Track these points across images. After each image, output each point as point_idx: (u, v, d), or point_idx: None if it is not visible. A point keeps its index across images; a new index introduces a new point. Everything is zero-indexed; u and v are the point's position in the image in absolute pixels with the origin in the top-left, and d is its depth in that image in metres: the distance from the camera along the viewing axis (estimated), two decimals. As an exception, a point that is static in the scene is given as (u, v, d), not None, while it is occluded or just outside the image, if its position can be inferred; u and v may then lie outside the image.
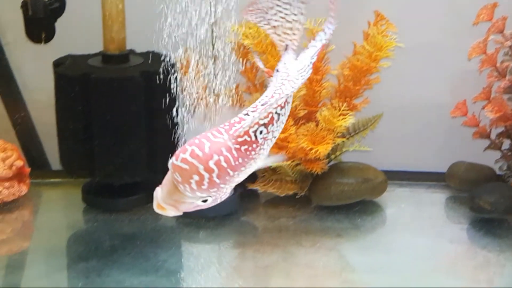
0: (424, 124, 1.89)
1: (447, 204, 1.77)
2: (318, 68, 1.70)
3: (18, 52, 1.93)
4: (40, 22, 1.76)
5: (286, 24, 1.21)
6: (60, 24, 1.82)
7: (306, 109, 1.73)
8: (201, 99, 1.72)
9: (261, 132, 1.13)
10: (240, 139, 1.09)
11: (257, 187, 1.75)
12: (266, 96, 1.16)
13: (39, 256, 1.53)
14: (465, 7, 1.79)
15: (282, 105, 1.13)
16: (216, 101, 1.71)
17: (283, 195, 1.73)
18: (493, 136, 1.78)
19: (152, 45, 1.77)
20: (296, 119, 1.72)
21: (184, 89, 1.72)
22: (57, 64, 1.70)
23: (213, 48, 1.70)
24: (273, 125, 1.15)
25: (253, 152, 1.11)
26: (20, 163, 1.76)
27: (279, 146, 1.66)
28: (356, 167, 1.75)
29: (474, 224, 1.65)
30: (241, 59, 1.76)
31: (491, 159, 1.80)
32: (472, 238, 1.61)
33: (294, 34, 1.20)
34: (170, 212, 1.12)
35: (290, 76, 1.17)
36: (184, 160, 1.03)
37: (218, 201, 1.14)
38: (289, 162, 1.69)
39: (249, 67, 1.78)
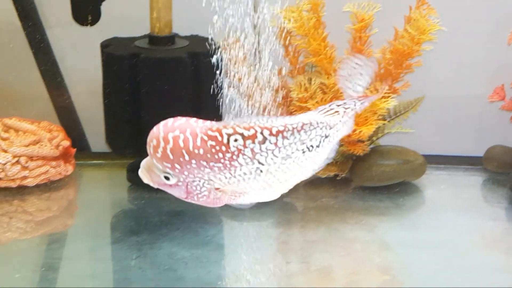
0: (461, 109, 1.93)
1: (485, 186, 1.80)
2: (361, 51, 1.73)
3: (60, 36, 1.98)
4: (87, 5, 1.82)
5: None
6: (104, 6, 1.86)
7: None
8: (245, 82, 1.77)
9: (236, 140, 1.14)
10: (210, 132, 1.11)
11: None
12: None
13: (90, 230, 1.56)
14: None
15: (275, 133, 1.13)
16: (259, 85, 1.76)
17: (324, 176, 1.77)
18: (530, 119, 1.85)
19: (196, 29, 1.85)
20: (337, 102, 1.77)
21: (229, 71, 1.78)
22: (105, 45, 1.74)
23: (256, 33, 1.75)
24: (253, 143, 1.16)
25: (220, 154, 1.12)
26: (66, 143, 1.80)
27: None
28: (395, 149, 1.78)
29: (514, 203, 1.71)
30: (283, 43, 1.82)
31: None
32: (513, 216, 1.68)
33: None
34: (144, 178, 1.17)
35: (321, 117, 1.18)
36: (157, 125, 1.11)
37: (189, 198, 1.15)
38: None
39: (292, 51, 1.84)
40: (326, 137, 1.23)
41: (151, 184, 1.18)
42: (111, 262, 1.39)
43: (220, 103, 1.69)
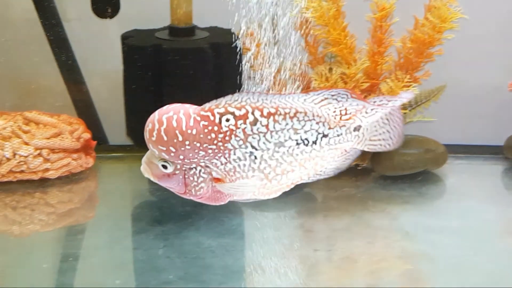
0: (482, 98, 1.93)
1: (506, 174, 1.80)
2: (381, 40, 1.73)
3: (77, 29, 1.97)
4: (107, -2, 1.83)
5: None
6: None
7: (368, 81, 1.78)
8: (265, 72, 1.77)
9: (227, 120, 1.14)
10: (203, 113, 1.13)
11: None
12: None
13: (114, 221, 1.56)
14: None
15: (266, 115, 1.14)
16: (279, 73, 1.76)
17: (345, 166, 1.80)
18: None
19: (215, 20, 1.85)
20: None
21: (249, 62, 1.78)
22: (126, 37, 1.75)
23: (274, 23, 1.75)
24: (244, 123, 1.15)
25: (212, 134, 1.12)
26: (87, 135, 1.80)
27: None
28: (416, 139, 1.78)
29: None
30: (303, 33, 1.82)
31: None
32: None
33: None
34: (145, 172, 1.19)
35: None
36: (154, 111, 1.15)
37: (187, 192, 1.17)
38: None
39: (311, 41, 1.84)
40: (324, 136, 1.21)
41: (152, 178, 1.19)
42: (139, 252, 1.39)
43: (241, 91, 1.71)
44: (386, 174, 1.74)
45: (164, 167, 1.17)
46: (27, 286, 1.29)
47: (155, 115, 1.13)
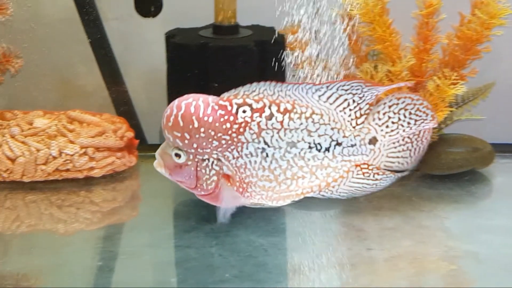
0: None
1: (556, 174, 1.81)
2: (427, 37, 1.72)
3: (117, 28, 1.98)
4: (150, -4, 1.83)
5: None
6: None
7: (413, 79, 1.76)
8: (308, 70, 1.76)
9: (244, 112, 1.12)
10: (221, 102, 1.13)
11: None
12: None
13: (161, 219, 1.55)
14: None
15: (282, 111, 1.13)
16: (323, 71, 1.75)
17: (390, 165, 1.78)
18: None
19: (256, 19, 1.84)
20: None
21: (293, 60, 1.77)
22: (171, 35, 1.74)
23: (316, 21, 1.74)
24: (260, 117, 1.13)
25: (228, 124, 1.11)
26: (130, 134, 1.79)
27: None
28: (462, 137, 1.76)
29: None
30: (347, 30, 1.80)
31: None
32: None
33: None
34: (157, 166, 1.21)
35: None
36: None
37: (198, 187, 1.19)
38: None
39: (355, 39, 1.82)
40: (338, 144, 1.19)
41: (164, 172, 1.18)
42: (191, 250, 1.37)
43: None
44: (431, 173, 1.73)
45: (177, 156, 1.16)
46: (87, 286, 1.28)
47: (175, 102, 1.15)
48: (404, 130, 1.27)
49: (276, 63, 1.66)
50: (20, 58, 1.75)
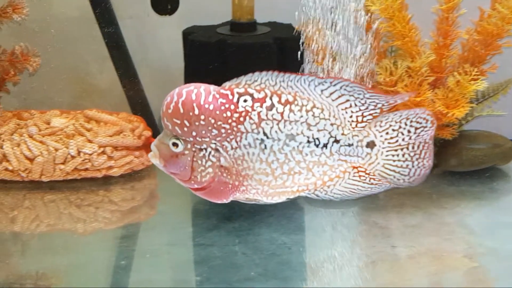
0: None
1: None
2: (447, 32, 1.70)
3: (132, 27, 1.96)
4: (166, -6, 1.83)
5: None
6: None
7: (433, 75, 1.75)
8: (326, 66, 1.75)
9: (245, 101, 1.11)
10: (222, 91, 1.13)
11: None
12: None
13: (182, 218, 1.54)
14: None
15: (283, 102, 1.13)
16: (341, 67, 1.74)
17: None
18: None
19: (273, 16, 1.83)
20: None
21: (311, 56, 1.76)
22: (188, 33, 1.73)
23: (333, 17, 1.72)
24: (261, 107, 1.13)
25: (228, 113, 1.11)
26: (148, 133, 1.78)
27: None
28: (482, 134, 1.75)
29: None
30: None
31: None
32: None
33: None
34: (153, 158, 1.21)
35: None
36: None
37: (193, 179, 1.18)
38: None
39: (373, 35, 1.80)
40: (336, 141, 1.17)
41: (159, 163, 1.19)
42: (214, 248, 1.36)
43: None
44: (452, 170, 1.71)
45: (175, 145, 1.15)
46: (112, 286, 1.27)
47: (176, 89, 1.14)
48: (403, 139, 1.25)
49: (295, 60, 1.67)
50: (37, 57, 1.75)
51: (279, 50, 1.66)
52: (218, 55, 1.64)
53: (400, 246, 1.38)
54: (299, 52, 1.64)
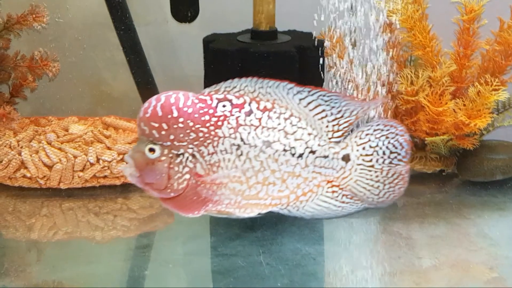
0: None
1: None
2: (468, 42, 1.70)
3: (150, 34, 1.96)
4: (186, 1, 1.81)
5: None
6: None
7: (453, 85, 1.74)
8: (349, 76, 1.74)
9: (224, 106, 1.11)
10: (201, 96, 1.13)
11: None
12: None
13: (202, 227, 1.52)
14: None
15: (262, 109, 1.14)
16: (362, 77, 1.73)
17: (430, 171, 1.74)
18: None
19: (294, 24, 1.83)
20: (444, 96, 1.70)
21: (332, 66, 1.75)
22: (209, 41, 1.73)
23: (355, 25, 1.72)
24: (239, 112, 1.13)
25: (207, 116, 1.11)
26: (166, 140, 1.79)
27: (435, 120, 1.65)
28: (502, 144, 1.75)
29: None
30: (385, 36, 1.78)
31: None
32: None
33: None
34: (126, 168, 1.16)
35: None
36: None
37: (169, 187, 1.14)
38: (443, 137, 1.67)
39: (392, 45, 1.80)
40: (312, 152, 1.17)
41: (132, 174, 1.15)
42: (237, 258, 1.35)
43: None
44: (473, 180, 1.70)
45: (151, 151, 1.13)
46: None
47: (154, 96, 1.14)
48: (377, 160, 1.23)
49: (315, 69, 1.66)
50: (56, 62, 1.74)
51: (300, 59, 1.66)
52: (238, 63, 1.63)
53: (426, 257, 1.36)
54: (320, 61, 1.66)
